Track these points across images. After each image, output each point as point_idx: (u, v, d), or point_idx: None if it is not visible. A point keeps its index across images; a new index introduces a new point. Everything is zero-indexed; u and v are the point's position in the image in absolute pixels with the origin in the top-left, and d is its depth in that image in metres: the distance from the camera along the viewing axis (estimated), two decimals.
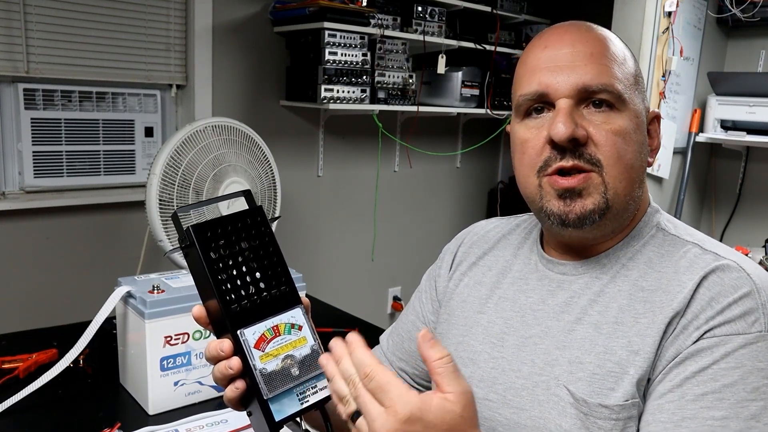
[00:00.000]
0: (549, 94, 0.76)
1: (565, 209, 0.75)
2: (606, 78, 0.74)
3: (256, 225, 0.67)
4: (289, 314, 0.67)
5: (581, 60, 0.75)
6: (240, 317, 0.64)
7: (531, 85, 0.77)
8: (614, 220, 0.77)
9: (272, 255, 0.68)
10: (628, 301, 0.75)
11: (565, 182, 0.75)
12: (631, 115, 0.76)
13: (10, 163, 2.12)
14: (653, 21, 2.54)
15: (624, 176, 0.75)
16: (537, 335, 0.80)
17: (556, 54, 0.76)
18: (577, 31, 0.78)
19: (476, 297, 0.90)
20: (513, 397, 0.79)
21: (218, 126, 1.59)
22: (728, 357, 0.67)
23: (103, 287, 1.39)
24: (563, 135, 0.73)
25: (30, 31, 2.04)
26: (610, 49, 0.77)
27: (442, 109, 2.86)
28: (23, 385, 1.11)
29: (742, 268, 0.71)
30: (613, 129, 0.74)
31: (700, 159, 3.05)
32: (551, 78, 0.76)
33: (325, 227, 2.89)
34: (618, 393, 0.71)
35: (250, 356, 0.63)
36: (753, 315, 0.67)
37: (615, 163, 0.74)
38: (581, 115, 0.75)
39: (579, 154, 0.74)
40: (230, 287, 0.64)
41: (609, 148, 0.74)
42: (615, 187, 0.75)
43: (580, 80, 0.74)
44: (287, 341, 0.66)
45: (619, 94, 0.75)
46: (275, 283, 0.67)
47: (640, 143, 0.77)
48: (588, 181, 0.74)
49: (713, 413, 0.65)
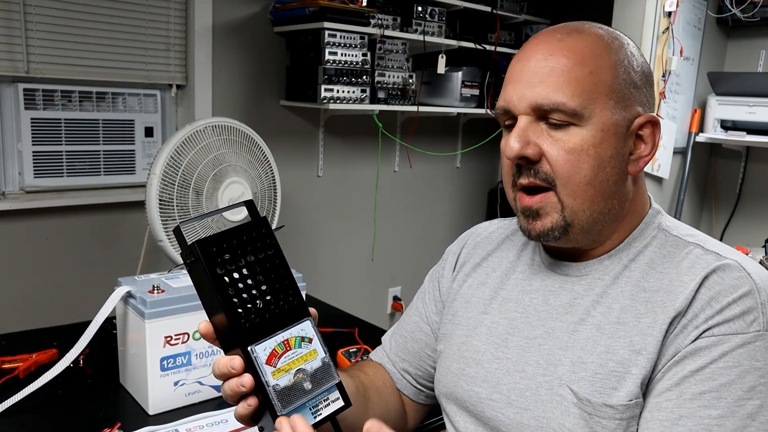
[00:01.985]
0: (510, 109, 0.77)
1: (528, 226, 0.79)
2: (559, 96, 0.73)
3: (262, 237, 0.66)
4: (298, 327, 0.66)
5: (540, 76, 0.75)
6: (250, 333, 0.62)
7: (501, 98, 0.79)
8: (584, 234, 0.78)
9: (279, 267, 0.66)
10: (631, 302, 0.75)
11: (527, 201, 0.78)
12: (595, 129, 0.74)
13: (10, 163, 2.12)
14: (653, 21, 2.54)
15: (579, 194, 0.75)
16: (541, 336, 0.80)
17: (522, 67, 0.77)
18: (550, 42, 0.77)
19: (480, 298, 0.90)
20: (517, 398, 0.79)
21: (218, 126, 1.59)
22: (726, 356, 0.67)
23: (103, 287, 1.39)
24: (511, 153, 0.75)
25: (30, 31, 2.03)
26: (577, 63, 0.74)
27: (442, 109, 2.85)
28: (23, 385, 1.11)
29: (743, 268, 0.71)
30: (567, 147, 0.74)
31: (700, 159, 3.05)
32: (513, 93, 0.77)
33: (325, 227, 2.89)
34: (622, 393, 0.71)
35: (262, 373, 0.62)
36: (752, 314, 0.68)
37: (567, 181, 0.74)
38: (540, 131, 0.75)
39: (534, 172, 0.76)
40: (238, 302, 0.62)
41: (561, 167, 0.74)
42: (571, 205, 0.75)
43: (534, 98, 0.74)
44: (298, 355, 0.65)
45: (575, 112, 0.73)
46: (283, 296, 0.65)
47: (604, 157, 0.75)
48: (545, 201, 0.76)
49: (710, 412, 0.66)
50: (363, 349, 1.40)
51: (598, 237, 0.79)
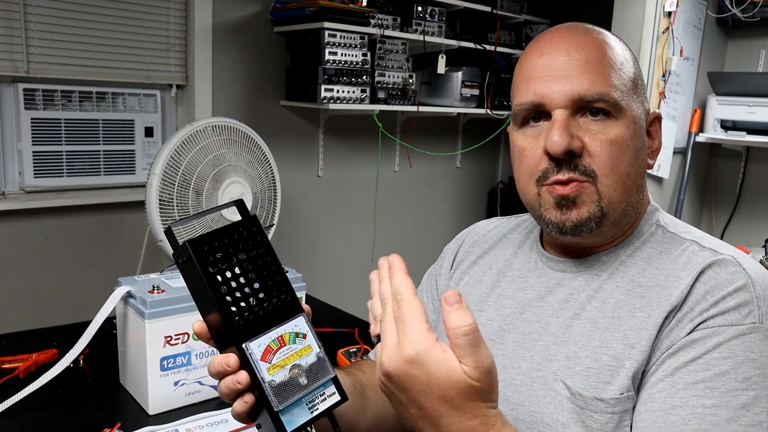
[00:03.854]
0: (545, 104, 0.76)
1: (561, 217, 0.76)
2: (602, 87, 0.74)
3: (252, 235, 0.66)
4: (292, 323, 0.66)
5: (577, 69, 0.74)
6: (244, 330, 0.63)
7: (527, 94, 0.77)
8: (612, 226, 0.78)
9: (270, 264, 0.67)
10: (625, 296, 0.75)
11: (562, 190, 0.75)
12: (629, 121, 0.75)
13: (10, 163, 2.12)
14: (653, 21, 2.54)
15: (618, 185, 0.75)
16: (536, 332, 0.80)
17: (551, 62, 0.76)
18: (573, 37, 0.77)
19: (476, 295, 0.90)
20: (512, 394, 0.79)
21: (218, 126, 1.59)
22: (720, 347, 0.67)
23: (103, 287, 1.39)
24: (559, 148, 0.73)
25: (30, 31, 2.03)
26: (607, 55, 0.76)
27: (442, 109, 2.85)
28: (23, 385, 1.11)
29: (738, 263, 0.71)
30: (609, 138, 0.74)
31: (700, 159, 3.05)
32: (546, 88, 0.75)
33: (325, 227, 2.89)
34: (614, 386, 0.71)
35: (257, 369, 0.62)
36: (747, 307, 0.68)
37: (609, 172, 0.74)
38: (577, 124, 0.75)
39: (574, 166, 0.74)
40: (231, 300, 0.63)
41: (604, 159, 0.74)
42: (609, 196, 0.75)
43: (576, 90, 0.74)
44: (293, 350, 0.65)
45: (616, 102, 0.74)
46: (276, 292, 0.66)
47: (637, 149, 0.76)
48: (581, 190, 0.75)
49: (703, 401, 0.66)
50: (363, 349, 1.40)
51: (617, 231, 0.79)
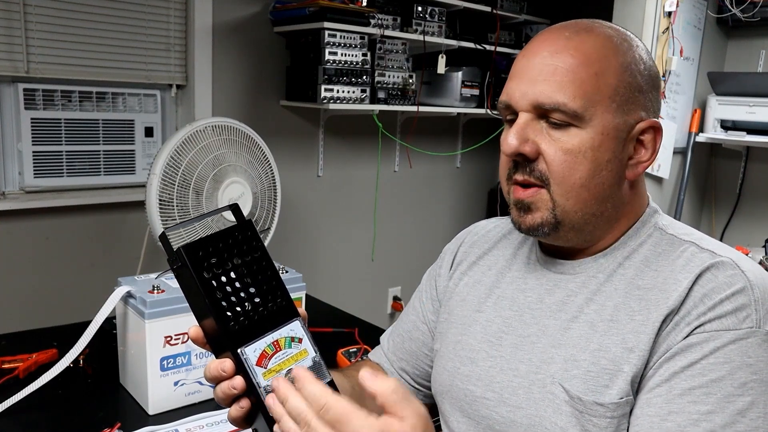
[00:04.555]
0: (512, 105, 0.77)
1: (518, 219, 0.79)
2: (561, 96, 0.73)
3: (248, 240, 0.66)
4: (288, 328, 0.66)
5: (544, 74, 0.74)
6: (239, 335, 0.62)
7: (504, 93, 0.79)
8: (576, 233, 0.78)
9: (266, 269, 0.66)
10: (624, 299, 0.75)
11: (520, 194, 0.78)
12: (594, 132, 0.74)
13: (10, 163, 2.12)
14: (653, 21, 2.54)
15: (572, 195, 0.75)
16: (534, 334, 0.80)
17: (527, 64, 0.76)
18: (555, 40, 0.76)
19: (475, 296, 0.90)
20: (510, 396, 0.79)
21: (218, 126, 1.59)
22: (717, 352, 0.67)
23: (103, 287, 1.39)
24: (508, 149, 0.75)
25: (30, 31, 2.03)
26: (581, 63, 0.73)
27: (442, 109, 2.85)
28: (23, 385, 1.11)
29: (736, 265, 0.71)
30: (565, 147, 0.74)
31: (700, 159, 3.05)
32: (515, 89, 0.76)
33: (325, 227, 2.89)
34: (613, 391, 0.71)
35: (252, 375, 0.62)
36: (744, 311, 0.68)
37: (561, 181, 0.75)
38: (539, 129, 0.75)
39: (530, 170, 0.76)
40: (226, 305, 0.62)
41: (557, 167, 0.74)
42: (563, 205, 0.75)
43: (535, 97, 0.74)
44: (289, 355, 0.65)
45: (575, 113, 0.73)
46: (271, 297, 0.66)
47: (600, 161, 0.74)
48: (537, 196, 0.77)
49: (699, 407, 0.66)
50: (363, 349, 1.40)
51: (590, 237, 0.79)
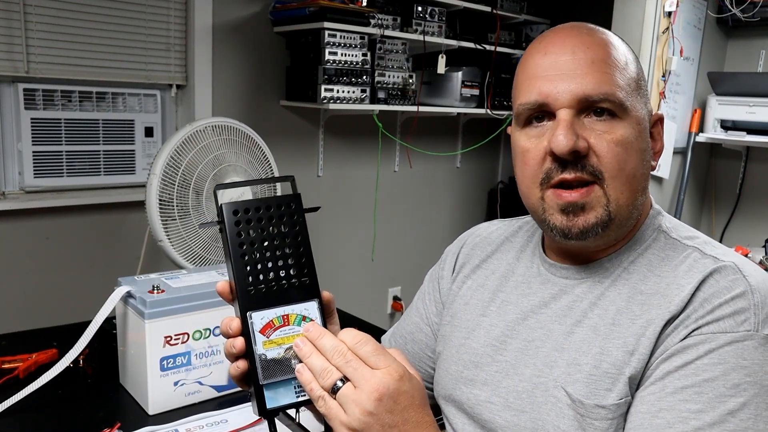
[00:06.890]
0: (549, 104, 0.74)
1: (567, 223, 0.75)
2: (607, 87, 0.73)
3: (290, 212, 0.67)
4: (302, 306, 0.66)
5: (582, 68, 0.73)
6: (252, 300, 0.64)
7: (531, 93, 0.76)
8: (617, 229, 0.77)
9: (300, 245, 0.67)
10: (627, 304, 0.75)
11: (569, 196, 0.74)
12: (633, 122, 0.74)
13: (10, 163, 2.12)
14: (653, 21, 2.54)
15: (626, 187, 0.74)
16: (539, 338, 0.80)
17: (555, 61, 0.75)
18: (578, 36, 0.76)
19: (479, 300, 0.90)
20: (514, 400, 0.79)
21: (218, 126, 1.59)
22: (712, 353, 0.67)
23: (103, 287, 1.39)
24: (564, 148, 0.72)
25: (30, 31, 2.03)
26: (611, 55, 0.75)
27: (442, 109, 2.85)
28: (23, 385, 1.11)
29: (739, 270, 0.71)
30: (615, 139, 0.73)
31: (700, 159, 3.05)
32: (551, 87, 0.74)
33: (325, 227, 2.89)
34: (614, 393, 0.71)
35: (253, 340, 0.64)
36: (743, 315, 0.68)
37: (617, 174, 0.73)
38: (582, 124, 0.74)
39: (581, 166, 0.73)
40: (249, 269, 0.65)
41: (610, 160, 0.73)
42: (617, 199, 0.74)
43: (581, 90, 0.73)
44: (294, 332, 0.65)
45: (621, 103, 0.73)
46: (296, 272, 0.66)
47: (642, 150, 0.75)
48: (590, 195, 0.74)
49: (689, 406, 0.66)
50: None
51: (620, 235, 0.79)
